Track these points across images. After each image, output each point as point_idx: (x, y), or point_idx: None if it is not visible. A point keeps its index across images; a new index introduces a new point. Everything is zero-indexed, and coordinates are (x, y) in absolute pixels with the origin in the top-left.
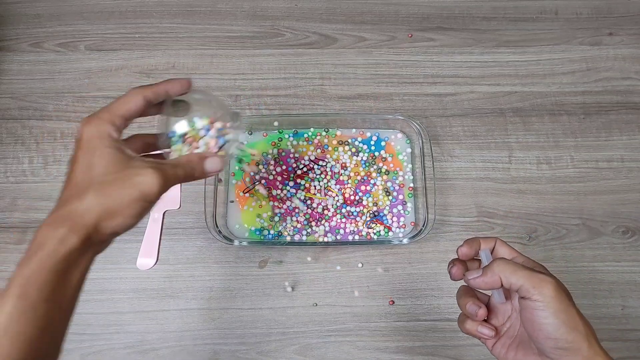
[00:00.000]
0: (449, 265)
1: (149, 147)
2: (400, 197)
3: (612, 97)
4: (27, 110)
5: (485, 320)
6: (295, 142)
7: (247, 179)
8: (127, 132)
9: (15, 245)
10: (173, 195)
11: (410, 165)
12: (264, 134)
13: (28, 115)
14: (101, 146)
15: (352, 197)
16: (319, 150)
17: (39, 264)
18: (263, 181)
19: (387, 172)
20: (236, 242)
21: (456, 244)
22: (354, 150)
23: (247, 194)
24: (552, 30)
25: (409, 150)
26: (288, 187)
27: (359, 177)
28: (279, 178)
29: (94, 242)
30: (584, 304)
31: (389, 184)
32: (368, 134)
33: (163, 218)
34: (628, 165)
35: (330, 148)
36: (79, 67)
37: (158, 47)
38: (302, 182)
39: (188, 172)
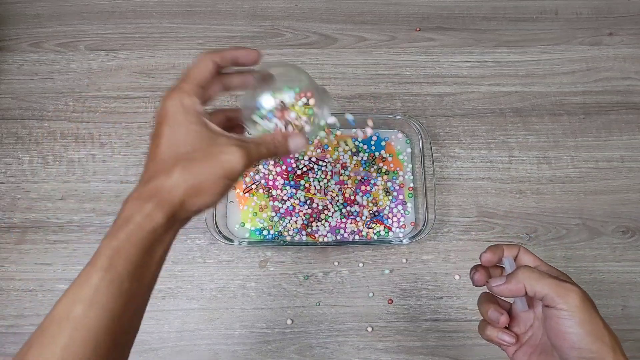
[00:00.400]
0: (471, 271)
1: (231, 122)
2: (400, 197)
3: (612, 97)
4: (27, 110)
5: (506, 328)
6: None
7: (247, 179)
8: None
9: (15, 245)
10: None
11: (410, 165)
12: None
13: (28, 115)
14: (186, 122)
15: (352, 197)
16: (319, 151)
17: (126, 237)
18: (263, 181)
19: (387, 172)
20: (236, 242)
21: (456, 244)
22: (354, 150)
23: (246, 194)
24: (552, 30)
25: (409, 150)
26: (288, 187)
27: (359, 177)
28: (279, 178)
29: (178, 218)
30: None
31: (389, 184)
32: (368, 134)
33: None
34: (628, 165)
35: (330, 148)
36: (79, 67)
37: (158, 47)
38: (302, 182)
39: (271, 151)
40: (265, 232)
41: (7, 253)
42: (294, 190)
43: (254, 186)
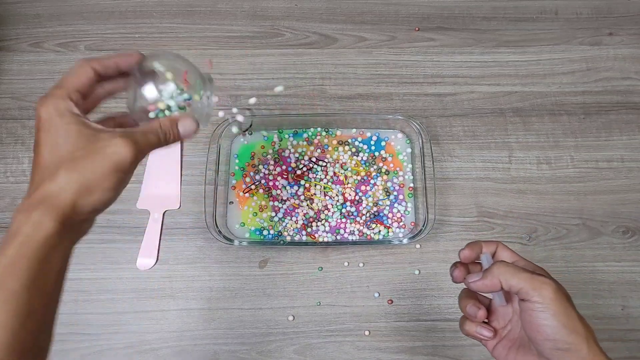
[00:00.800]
0: (450, 268)
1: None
2: (400, 197)
3: (612, 97)
4: (27, 110)
5: (485, 323)
6: (295, 142)
7: (247, 179)
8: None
9: None
10: (173, 195)
11: (410, 165)
12: (264, 134)
13: (28, 115)
14: (63, 123)
15: (352, 197)
16: (319, 151)
17: (15, 252)
18: (263, 181)
19: (387, 172)
20: (236, 242)
21: (456, 244)
22: (354, 150)
23: (246, 194)
24: (552, 30)
25: (409, 150)
26: (288, 187)
27: (359, 177)
28: (279, 178)
29: (74, 222)
30: (584, 304)
31: (389, 184)
32: (368, 134)
33: (163, 218)
34: (628, 165)
35: (330, 148)
36: None
37: (158, 47)
38: (302, 182)
39: (161, 137)
40: (265, 232)
41: None
42: (294, 190)
43: (253, 186)
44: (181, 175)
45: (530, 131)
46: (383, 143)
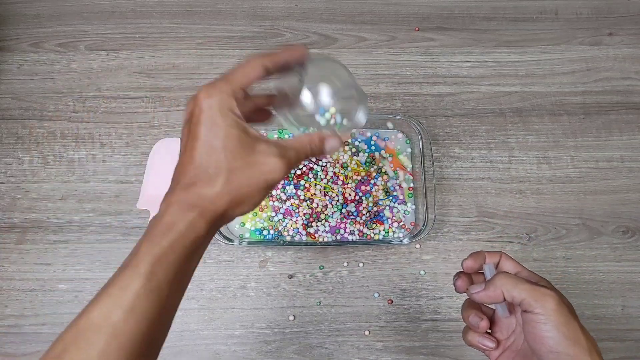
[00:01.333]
0: (454, 278)
1: (258, 108)
2: (400, 197)
3: (612, 97)
4: (27, 110)
5: (488, 333)
6: None
7: None
8: None
9: (15, 245)
10: None
11: (410, 165)
12: (264, 133)
13: (28, 115)
14: (225, 125)
15: (352, 197)
16: None
17: (169, 245)
18: None
19: (387, 172)
20: (236, 242)
21: (456, 244)
22: (354, 150)
23: None
24: (552, 30)
25: (409, 150)
26: (288, 187)
27: (359, 178)
28: None
29: (218, 226)
30: (584, 304)
31: (389, 184)
32: (368, 134)
33: None
34: (628, 165)
35: None
36: (79, 67)
37: (158, 47)
38: (302, 182)
39: (308, 154)
40: (265, 232)
41: (7, 253)
42: (294, 190)
43: None
44: None
45: (530, 131)
46: (383, 143)
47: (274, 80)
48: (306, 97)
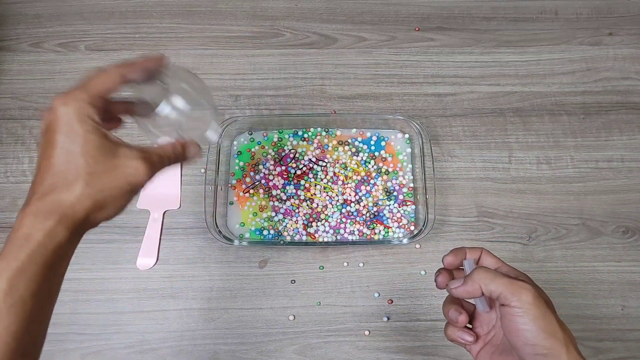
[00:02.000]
0: (435, 274)
1: (111, 114)
2: (400, 197)
3: (612, 97)
4: (27, 110)
5: (469, 328)
6: (295, 142)
7: (247, 179)
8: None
9: None
10: (173, 195)
11: (410, 165)
12: (264, 133)
13: (28, 115)
14: (83, 131)
15: (352, 197)
16: (318, 151)
17: (27, 258)
18: (263, 181)
19: (387, 172)
20: (236, 242)
21: (456, 244)
22: (354, 150)
23: (246, 194)
24: (552, 30)
25: (409, 150)
26: (288, 187)
27: (359, 178)
28: (279, 178)
29: (81, 232)
30: (584, 304)
31: (388, 184)
32: (368, 134)
33: (163, 218)
34: (628, 165)
35: (330, 148)
36: (79, 67)
37: (158, 47)
38: (302, 182)
39: (172, 160)
40: (265, 232)
41: None
42: (294, 190)
43: (253, 186)
44: (181, 175)
45: (530, 131)
46: (383, 143)
47: (133, 88)
48: (166, 106)
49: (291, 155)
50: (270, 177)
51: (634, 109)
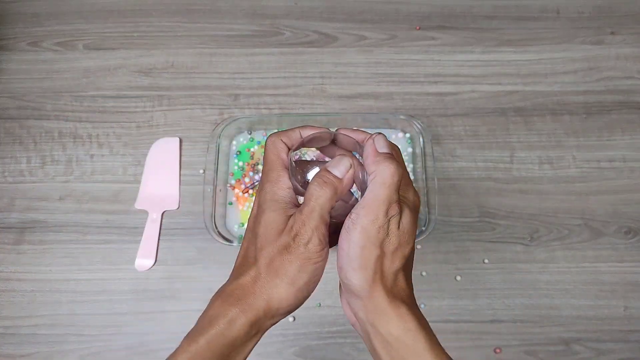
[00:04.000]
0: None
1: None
2: None
3: (614, 97)
4: (25, 110)
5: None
6: None
7: (247, 179)
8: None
9: (13, 245)
10: (172, 196)
11: (411, 165)
12: (264, 133)
13: (26, 114)
14: (278, 208)
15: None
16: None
17: (206, 343)
18: None
19: None
20: (235, 243)
21: (457, 244)
22: None
23: (245, 194)
24: (554, 29)
25: (410, 149)
26: None
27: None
28: None
29: (262, 326)
30: (586, 304)
31: None
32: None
33: (162, 218)
34: (630, 165)
35: None
36: (77, 67)
37: (157, 46)
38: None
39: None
40: None
41: (5, 253)
42: None
43: (252, 186)
44: (180, 175)
45: (532, 131)
46: None
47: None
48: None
49: None
50: None
51: (636, 109)
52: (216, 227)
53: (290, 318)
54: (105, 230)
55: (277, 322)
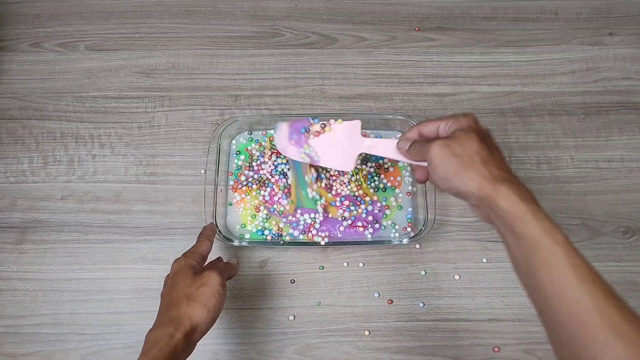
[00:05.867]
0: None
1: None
2: (401, 197)
3: (612, 97)
4: (27, 110)
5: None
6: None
7: (242, 178)
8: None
9: (15, 245)
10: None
11: (409, 168)
12: (263, 132)
13: (28, 115)
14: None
15: (352, 198)
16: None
17: (158, 351)
18: (257, 175)
19: (385, 189)
20: (236, 242)
21: (456, 244)
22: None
23: (243, 195)
24: (552, 30)
25: None
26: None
27: (357, 193)
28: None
29: (192, 339)
30: None
31: (388, 184)
32: (371, 136)
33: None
34: (628, 165)
35: None
36: (78, 67)
37: (158, 47)
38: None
39: (224, 270)
40: (266, 232)
41: (7, 253)
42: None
43: (247, 183)
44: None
45: (530, 131)
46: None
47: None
48: None
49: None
50: (263, 168)
51: (634, 109)
52: (217, 227)
53: (290, 317)
54: (107, 229)
55: (195, 340)
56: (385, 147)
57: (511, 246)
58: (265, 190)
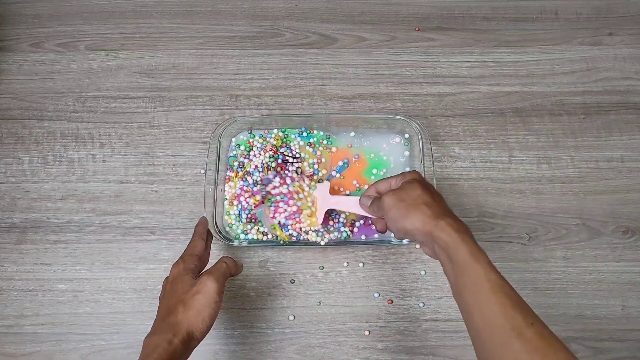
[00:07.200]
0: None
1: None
2: None
3: (612, 97)
4: (27, 110)
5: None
6: (301, 143)
7: (236, 164)
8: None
9: (15, 245)
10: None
11: (407, 168)
12: (265, 130)
13: (28, 115)
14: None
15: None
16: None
17: (158, 356)
18: (246, 160)
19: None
20: (236, 242)
21: None
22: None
23: (234, 190)
24: (552, 30)
25: (407, 153)
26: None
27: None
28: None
29: (188, 344)
30: (584, 304)
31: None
32: (371, 137)
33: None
34: (628, 165)
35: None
36: (79, 67)
37: (158, 47)
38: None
39: (227, 274)
40: (254, 234)
41: (7, 253)
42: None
43: (239, 170)
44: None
45: (530, 131)
46: (385, 156)
47: None
48: None
49: (293, 156)
50: (256, 161)
51: (634, 109)
52: (217, 227)
53: (290, 317)
54: (107, 230)
55: (192, 347)
56: (350, 203)
57: (449, 273)
58: (245, 181)
